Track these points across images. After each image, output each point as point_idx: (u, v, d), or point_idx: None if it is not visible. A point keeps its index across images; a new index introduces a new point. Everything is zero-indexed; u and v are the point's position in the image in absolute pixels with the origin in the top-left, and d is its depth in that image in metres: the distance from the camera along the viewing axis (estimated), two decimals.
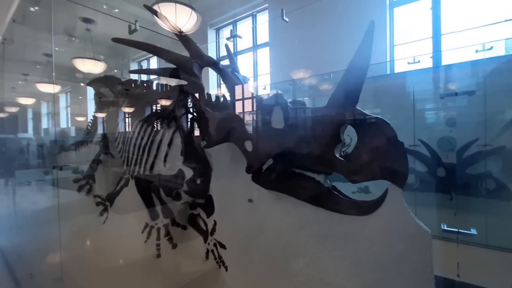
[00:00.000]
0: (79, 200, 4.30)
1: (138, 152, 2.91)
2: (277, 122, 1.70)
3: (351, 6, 5.08)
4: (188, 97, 2.36)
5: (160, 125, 2.75)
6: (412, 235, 1.36)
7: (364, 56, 1.50)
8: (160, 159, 2.71)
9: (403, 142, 1.39)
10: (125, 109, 3.18)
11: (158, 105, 2.85)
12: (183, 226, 2.96)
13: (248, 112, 1.83)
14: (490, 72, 3.71)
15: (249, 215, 2.07)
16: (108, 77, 3.47)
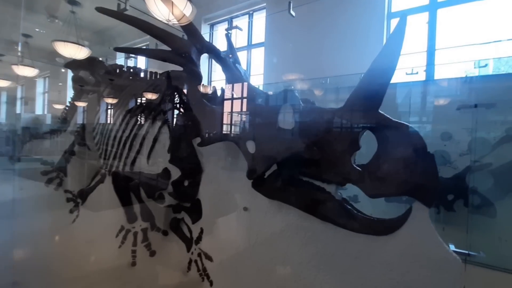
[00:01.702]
0: (46, 194, 3.85)
1: (119, 146, 2.58)
2: (286, 122, 1.47)
3: (350, 13, 5.02)
4: (180, 87, 2.09)
5: (146, 118, 2.44)
6: (438, 263, 1.17)
7: (391, 55, 1.31)
8: (143, 155, 2.40)
9: (433, 154, 1.21)
10: (107, 97, 2.84)
11: (145, 95, 2.54)
12: (164, 231, 2.65)
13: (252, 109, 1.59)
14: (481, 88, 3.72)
15: (243, 225, 1.83)
16: (91, 59, 3.10)
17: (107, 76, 2.82)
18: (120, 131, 2.59)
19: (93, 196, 3.14)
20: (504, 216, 3.26)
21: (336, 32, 5.24)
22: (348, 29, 5.14)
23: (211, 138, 1.75)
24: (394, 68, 1.32)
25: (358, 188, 1.32)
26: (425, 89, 4.25)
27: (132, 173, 2.48)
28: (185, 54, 1.71)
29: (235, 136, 1.65)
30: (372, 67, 1.35)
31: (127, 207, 2.61)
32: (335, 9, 5.16)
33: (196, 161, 2.08)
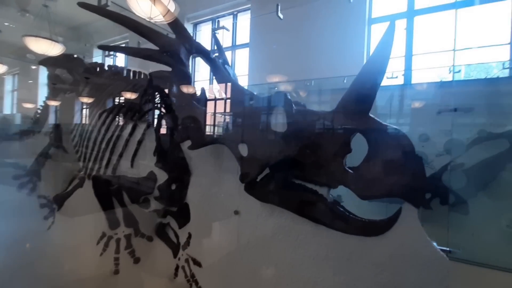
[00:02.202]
0: (18, 200, 3.58)
1: (100, 148, 2.45)
2: (279, 125, 1.47)
3: (333, 18, 5.15)
4: (167, 88, 2.01)
5: (130, 119, 2.33)
6: (427, 262, 1.22)
7: (381, 59, 1.35)
8: (127, 158, 2.29)
9: (422, 157, 1.25)
10: (86, 97, 2.69)
11: (128, 95, 2.43)
12: (148, 237, 2.55)
13: (244, 111, 1.57)
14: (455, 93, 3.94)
15: (234, 229, 1.80)
16: (68, 56, 2.91)
17: (86, 75, 2.67)
18: (102, 133, 2.46)
19: (70, 201, 2.96)
20: (475, 213, 3.46)
21: (319, 36, 5.35)
22: (331, 33, 5.27)
23: (202, 141, 1.71)
24: (384, 72, 1.36)
25: (342, 188, 1.34)
26: (403, 92, 4.42)
27: (114, 177, 2.36)
28: (173, 54, 1.66)
29: (227, 138, 1.62)
30: (362, 71, 1.38)
31: (109, 212, 2.48)
32: (319, 13, 5.27)
33: (184, 164, 2.02)
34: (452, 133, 3.76)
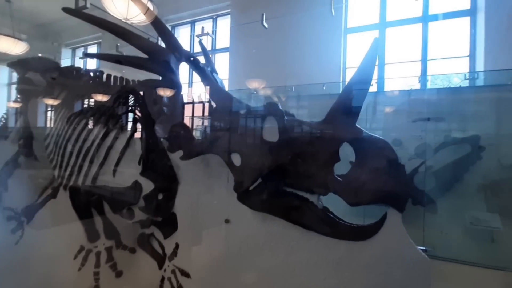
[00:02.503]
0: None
1: (78, 157, 2.32)
2: (270, 134, 1.50)
3: (310, 27, 5.35)
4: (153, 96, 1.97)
5: (113, 127, 2.24)
6: (410, 262, 1.31)
7: (366, 72, 1.44)
8: (108, 167, 2.20)
9: (404, 165, 1.35)
10: (63, 102, 2.53)
11: (110, 100, 2.33)
12: (131, 248, 2.45)
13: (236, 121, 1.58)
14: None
15: (225, 238, 1.80)
16: (41, 59, 2.72)
17: (62, 79, 2.52)
18: (81, 140, 2.33)
19: (42, 213, 2.76)
20: (444, 212, 3.73)
21: (298, 43, 5.53)
22: (310, 41, 5.46)
23: (195, 151, 1.69)
24: (369, 86, 1.45)
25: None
26: (377, 99, 4.67)
27: (94, 187, 2.24)
28: (163, 62, 1.64)
29: (220, 148, 1.62)
30: (348, 85, 1.46)
31: (88, 224, 2.35)
32: (298, 22, 5.43)
33: (172, 173, 1.98)
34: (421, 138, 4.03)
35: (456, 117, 3.84)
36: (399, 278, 1.32)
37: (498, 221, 3.37)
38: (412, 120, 3.67)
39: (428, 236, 3.67)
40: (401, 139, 4.28)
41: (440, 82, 4.40)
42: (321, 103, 5.05)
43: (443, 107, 3.93)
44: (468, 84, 4.17)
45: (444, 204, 3.73)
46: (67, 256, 2.42)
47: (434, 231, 3.75)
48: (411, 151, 4.17)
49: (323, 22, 5.30)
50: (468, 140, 3.74)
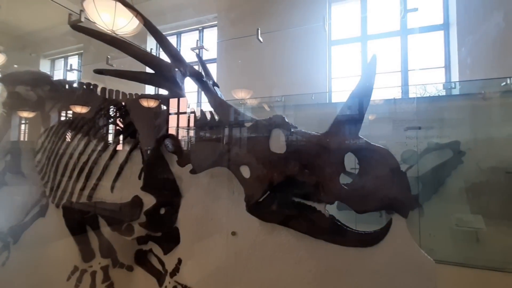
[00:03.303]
0: None
1: (73, 173, 2.23)
2: (278, 146, 1.54)
3: (297, 39, 5.54)
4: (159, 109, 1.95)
5: (113, 140, 2.19)
6: (417, 266, 1.37)
7: (367, 86, 1.53)
8: (107, 182, 2.13)
9: (406, 172, 1.43)
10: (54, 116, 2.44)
11: (107, 114, 2.28)
12: (128, 266, 2.35)
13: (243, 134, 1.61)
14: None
15: (232, 251, 1.78)
16: (31, 73, 2.62)
17: (54, 94, 2.44)
18: (76, 156, 2.25)
19: (30, 233, 2.60)
20: (431, 215, 3.88)
21: (285, 55, 5.69)
22: (296, 53, 5.64)
23: (204, 165, 1.69)
24: (370, 98, 1.54)
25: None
26: None
27: (91, 203, 2.16)
28: (170, 77, 1.65)
29: (228, 161, 1.63)
30: (350, 97, 1.54)
31: (82, 243, 2.25)
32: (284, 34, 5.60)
33: (174, 186, 1.95)
34: (406, 145, 4.22)
35: (437, 124, 4.07)
36: (409, 281, 1.37)
37: (481, 222, 3.56)
38: (404, 129, 3.85)
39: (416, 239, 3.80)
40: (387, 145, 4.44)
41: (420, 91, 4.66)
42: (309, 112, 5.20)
43: (424, 115, 4.16)
44: (445, 93, 4.45)
45: (430, 207, 3.89)
46: (59, 277, 2.29)
47: (422, 233, 3.89)
48: (397, 157, 4.33)
49: (309, 34, 5.51)
50: (450, 146, 3.97)
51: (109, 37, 1.63)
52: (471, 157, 3.81)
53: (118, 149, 2.15)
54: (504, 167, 3.58)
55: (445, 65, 5.01)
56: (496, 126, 3.82)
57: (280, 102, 5.31)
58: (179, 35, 7.18)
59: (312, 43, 5.54)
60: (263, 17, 5.82)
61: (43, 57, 7.60)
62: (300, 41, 5.57)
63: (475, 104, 4.03)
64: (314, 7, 5.51)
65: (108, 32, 3.28)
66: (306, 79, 5.56)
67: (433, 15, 5.06)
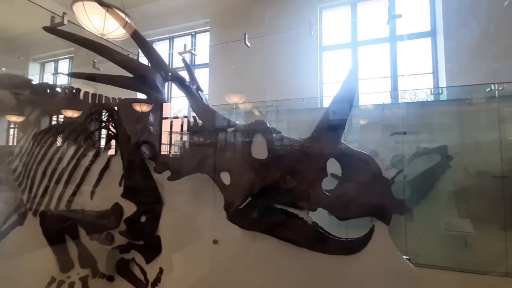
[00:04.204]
0: None
1: (52, 179, 2.15)
2: (259, 152, 1.51)
3: (288, 45, 5.57)
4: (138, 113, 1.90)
5: (91, 145, 2.12)
6: (399, 274, 1.35)
7: (349, 91, 1.51)
8: (86, 189, 2.06)
9: (388, 178, 1.41)
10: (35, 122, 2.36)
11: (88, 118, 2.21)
12: (109, 276, 2.27)
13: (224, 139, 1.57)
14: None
15: (213, 260, 1.73)
16: (10, 76, 2.54)
17: (34, 96, 2.37)
18: (55, 162, 2.18)
19: (7, 242, 2.50)
20: (420, 219, 3.89)
21: (277, 60, 5.71)
22: (287, 58, 5.67)
23: (183, 171, 1.64)
24: (352, 103, 1.52)
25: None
26: (352, 113, 4.89)
27: (69, 211, 2.08)
28: (149, 81, 1.61)
29: (208, 167, 1.59)
30: (332, 103, 1.52)
31: (60, 253, 2.16)
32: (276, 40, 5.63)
33: (156, 194, 1.90)
34: (396, 150, 4.24)
35: (425, 129, 4.11)
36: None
37: (469, 226, 3.58)
38: (390, 134, 3.87)
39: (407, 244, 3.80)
40: (377, 150, 4.48)
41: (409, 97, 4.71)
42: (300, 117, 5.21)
43: (413, 120, 4.20)
44: (433, 98, 4.51)
45: (420, 211, 3.90)
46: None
47: (412, 238, 3.89)
48: (387, 161, 4.36)
49: (300, 40, 5.54)
50: (438, 150, 4.00)
51: (82, 39, 1.59)
52: (459, 161, 3.85)
53: (98, 155, 2.08)
54: (491, 171, 3.62)
55: (433, 71, 5.09)
56: (482, 131, 3.88)
57: (272, 107, 5.31)
58: (172, 39, 7.15)
59: (303, 48, 5.58)
60: (255, 22, 5.84)
61: (33, 60, 7.47)
62: (291, 47, 5.61)
63: (462, 109, 4.08)
64: (306, 13, 5.56)
65: (98, 35, 3.22)
66: (298, 84, 5.58)
67: (421, 22, 5.16)
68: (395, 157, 4.27)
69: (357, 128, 4.59)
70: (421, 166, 4.10)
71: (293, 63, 5.62)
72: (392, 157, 4.27)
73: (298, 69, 5.59)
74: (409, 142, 4.22)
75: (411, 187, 4.11)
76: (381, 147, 4.36)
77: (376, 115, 4.59)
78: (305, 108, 5.08)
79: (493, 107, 3.71)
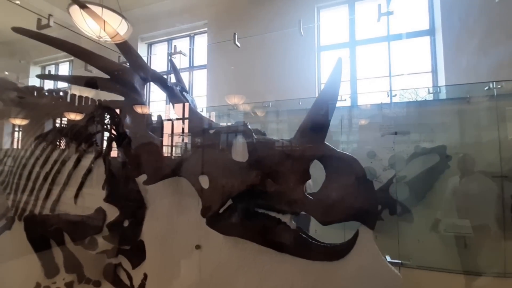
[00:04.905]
0: None
1: (35, 184, 2.13)
2: (239, 154, 1.46)
3: (286, 45, 5.53)
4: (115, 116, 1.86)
5: (74, 151, 2.09)
6: (384, 280, 1.29)
7: (332, 91, 1.46)
8: (69, 194, 2.03)
9: (372, 181, 1.35)
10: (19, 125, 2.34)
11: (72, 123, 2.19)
12: (95, 282, 2.23)
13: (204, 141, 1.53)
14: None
15: (196, 265, 1.68)
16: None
17: (20, 100, 2.35)
18: (38, 166, 2.15)
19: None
20: (419, 221, 3.81)
21: (274, 61, 5.67)
22: (285, 59, 5.63)
23: (159, 175, 1.60)
24: (335, 103, 1.47)
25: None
26: (351, 113, 4.82)
27: (53, 216, 2.05)
28: (126, 82, 1.57)
29: (186, 170, 1.54)
30: (316, 103, 1.47)
31: (45, 258, 2.13)
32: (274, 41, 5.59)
33: (139, 197, 1.85)
34: (394, 150, 4.16)
35: (423, 128, 4.03)
36: None
37: (469, 227, 3.49)
38: (381, 135, 3.80)
39: (406, 245, 3.72)
40: (375, 150, 4.41)
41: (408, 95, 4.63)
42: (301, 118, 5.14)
43: (412, 119, 4.12)
44: (432, 97, 4.43)
45: (419, 212, 3.82)
46: None
47: (411, 240, 3.81)
48: (385, 162, 4.29)
49: (297, 40, 5.49)
50: (436, 150, 3.92)
51: (53, 39, 1.55)
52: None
53: (82, 158, 2.05)
54: (491, 171, 3.54)
55: (432, 70, 5.01)
56: (481, 130, 3.79)
57: (269, 108, 5.27)
58: (170, 41, 7.16)
59: (301, 49, 5.53)
60: (252, 23, 5.81)
61: (33, 63, 7.51)
62: (289, 47, 5.56)
63: (462, 108, 4.01)
64: (303, 13, 5.52)
65: (95, 38, 3.20)
66: (296, 84, 5.53)
67: (419, 20, 5.09)
68: (393, 158, 4.19)
69: (356, 128, 4.53)
70: (419, 166, 4.01)
71: (291, 63, 5.58)
72: (390, 157, 4.19)
73: (296, 69, 5.54)
74: (407, 142, 4.14)
75: (410, 187, 4.03)
76: (379, 147, 4.28)
77: (375, 115, 4.52)
78: (303, 108, 5.02)
79: (492, 105, 3.62)
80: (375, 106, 4.59)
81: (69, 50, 1.54)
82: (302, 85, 5.49)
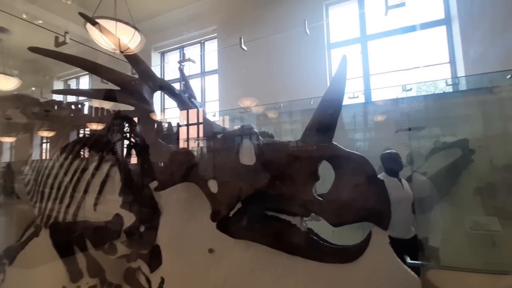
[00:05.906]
0: None
1: (58, 193, 2.25)
2: (247, 158, 1.47)
3: (296, 44, 5.49)
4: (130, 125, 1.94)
5: (92, 160, 2.19)
6: (400, 283, 1.24)
7: (337, 90, 1.43)
8: (88, 202, 2.12)
9: (383, 180, 1.31)
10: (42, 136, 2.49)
11: (89, 132, 2.30)
12: (117, 285, 2.31)
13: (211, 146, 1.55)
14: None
15: (210, 269, 1.70)
16: (20, 96, 2.72)
17: (42, 114, 2.50)
18: (60, 176, 2.28)
19: (24, 254, 2.63)
20: (443, 218, 3.63)
21: (285, 61, 5.65)
22: (296, 58, 5.59)
23: (170, 181, 1.64)
24: (341, 102, 1.44)
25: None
26: (365, 110, 4.70)
27: (75, 223, 2.16)
28: (136, 93, 1.63)
29: (196, 176, 1.57)
30: (321, 103, 1.45)
31: (69, 263, 2.24)
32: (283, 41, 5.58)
33: (153, 204, 1.91)
34: (412, 145, 4.01)
35: (443, 122, 3.85)
36: None
37: (497, 224, 3.29)
38: (394, 131, 3.68)
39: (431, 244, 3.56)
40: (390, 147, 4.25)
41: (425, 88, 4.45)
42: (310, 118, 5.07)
43: (430, 113, 3.95)
44: (451, 89, 4.23)
45: (443, 210, 3.65)
46: None
47: (436, 238, 3.64)
48: (403, 159, 4.13)
49: (307, 40, 5.44)
50: (458, 144, 3.74)
51: (66, 56, 1.64)
52: (484, 154, 3.56)
53: (99, 167, 2.15)
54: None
55: (450, 61, 4.79)
56: (507, 121, 3.57)
57: (281, 109, 5.25)
58: (182, 49, 7.33)
59: (311, 48, 5.47)
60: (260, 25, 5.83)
61: (56, 78, 7.95)
62: (299, 46, 5.52)
63: (484, 98, 3.80)
64: (312, 11, 5.47)
65: (111, 51, 3.34)
66: (307, 84, 5.48)
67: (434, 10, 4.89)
68: (410, 154, 4.04)
69: (371, 125, 4.41)
70: (440, 162, 3.84)
71: (301, 63, 5.53)
72: (407, 153, 4.04)
73: (307, 68, 5.50)
74: (425, 138, 3.98)
75: (432, 183, 3.86)
76: (395, 143, 4.14)
77: (390, 110, 4.38)
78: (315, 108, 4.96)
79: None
80: (390, 101, 4.45)
81: (80, 65, 1.62)
82: (313, 84, 5.42)
